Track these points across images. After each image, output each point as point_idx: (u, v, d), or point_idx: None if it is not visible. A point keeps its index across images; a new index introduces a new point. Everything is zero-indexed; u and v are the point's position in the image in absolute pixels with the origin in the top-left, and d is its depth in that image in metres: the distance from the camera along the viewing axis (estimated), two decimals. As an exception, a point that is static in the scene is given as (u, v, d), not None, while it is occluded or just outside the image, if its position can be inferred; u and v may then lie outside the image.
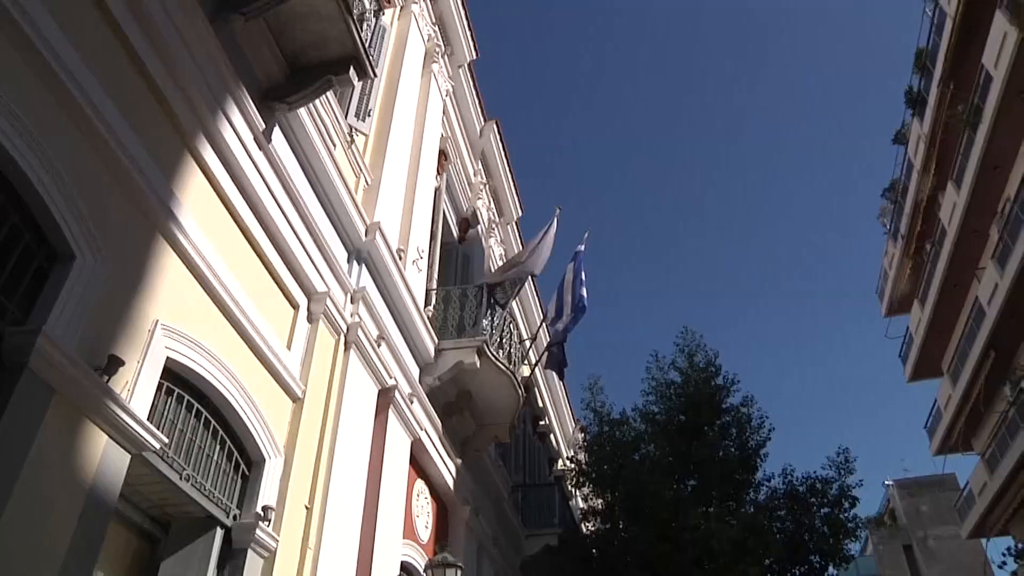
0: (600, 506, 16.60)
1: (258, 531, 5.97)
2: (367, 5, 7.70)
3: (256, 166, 6.72)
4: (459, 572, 9.24)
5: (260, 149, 6.82)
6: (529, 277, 14.35)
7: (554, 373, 20.08)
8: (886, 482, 41.65)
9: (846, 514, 14.77)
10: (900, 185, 26.47)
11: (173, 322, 5.40)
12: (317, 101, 7.73)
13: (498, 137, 16.20)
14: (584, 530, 17.38)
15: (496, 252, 16.95)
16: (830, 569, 14.78)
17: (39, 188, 4.34)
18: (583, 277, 14.22)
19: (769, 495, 15.43)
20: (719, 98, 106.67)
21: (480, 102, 15.60)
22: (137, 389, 4.89)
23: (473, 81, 15.22)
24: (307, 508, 6.87)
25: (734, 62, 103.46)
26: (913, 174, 24.78)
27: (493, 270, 15.64)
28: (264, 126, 6.84)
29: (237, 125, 6.43)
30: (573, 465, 17.48)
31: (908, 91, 24.05)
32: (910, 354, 28.33)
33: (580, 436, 19.60)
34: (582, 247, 14.99)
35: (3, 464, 3.83)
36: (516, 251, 18.02)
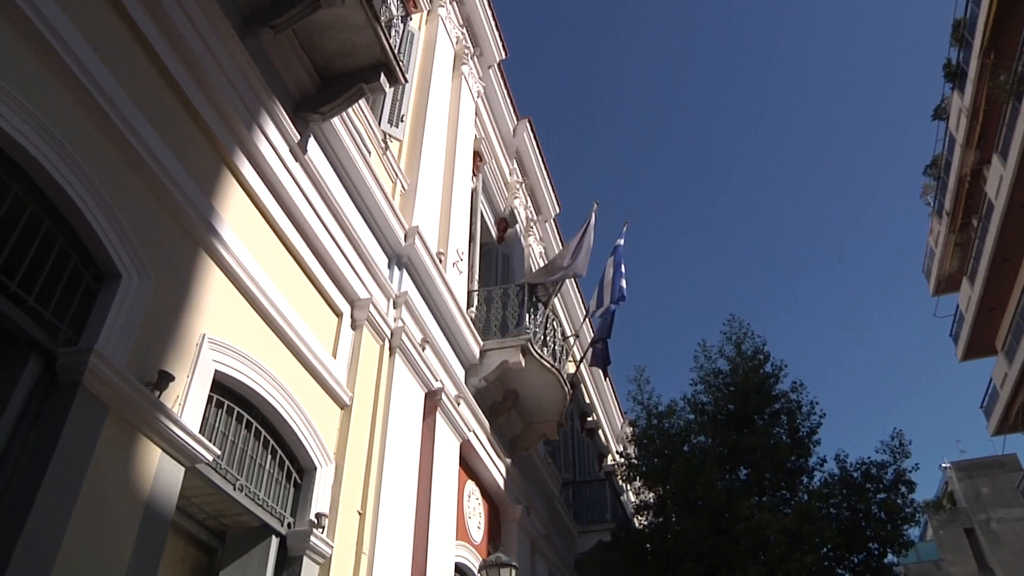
0: (652, 500, 16.49)
1: (313, 538, 6.02)
2: (394, 11, 7.75)
3: (293, 177, 6.79)
4: (513, 572, 9.24)
5: (296, 160, 6.89)
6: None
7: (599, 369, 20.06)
8: (943, 464, 40.82)
9: (903, 499, 14.47)
10: (942, 161, 25.95)
11: (219, 335, 5.48)
12: (350, 109, 7.79)
13: (531, 135, 16.19)
14: (637, 525, 17.29)
15: (536, 250, 16.95)
16: (889, 556, 14.50)
17: (83, 210, 4.43)
18: (623, 270, 14.20)
19: (823, 482, 15.19)
20: (752, 83, 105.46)
21: (512, 101, 15.61)
22: (188, 403, 4.97)
23: (504, 81, 15.23)
24: (360, 514, 6.92)
25: (765, 47, 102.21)
26: (956, 149, 24.27)
27: (534, 268, 15.64)
28: (299, 137, 6.91)
29: (272, 138, 6.50)
30: (623, 460, 17.39)
31: (946, 64, 23.57)
32: (961, 333, 27.79)
33: (628, 430, 19.49)
34: (621, 241, 14.93)
35: (64, 481, 3.92)
36: (555, 248, 18.02)
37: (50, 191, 4.32)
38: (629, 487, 18.67)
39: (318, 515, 6.21)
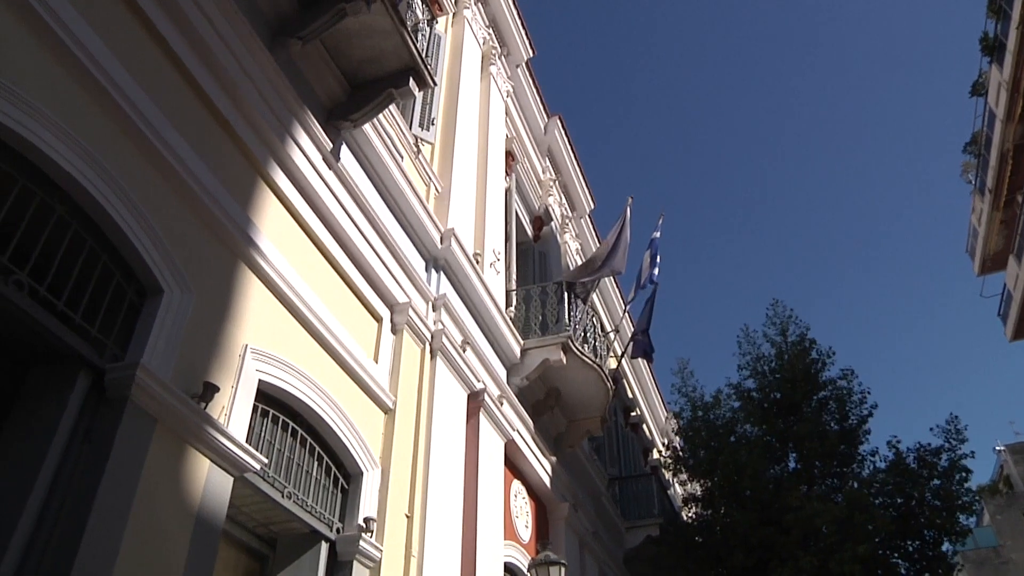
0: (699, 492, 16.34)
1: (362, 543, 6.07)
2: (420, 15, 7.79)
3: (328, 185, 6.84)
4: (563, 570, 9.21)
5: (330, 168, 6.94)
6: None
7: (642, 361, 19.98)
8: (997, 447, 39.82)
9: (958, 487, 14.11)
10: (982, 137, 25.35)
11: (262, 345, 5.54)
12: (381, 115, 7.83)
13: (562, 132, 16.15)
14: (685, 518, 17.16)
15: (572, 247, 16.91)
16: (945, 544, 14.17)
17: (124, 228, 4.52)
18: (658, 259, 14.21)
19: (873, 470, 14.91)
20: (784, 67, 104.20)
21: (541, 99, 15.58)
22: (233, 413, 5.04)
23: (532, 79, 15.21)
24: (407, 517, 6.96)
25: (795, 31, 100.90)
26: (996, 124, 23.69)
27: (571, 266, 15.62)
28: (331, 146, 6.96)
29: (305, 147, 6.56)
30: (668, 453, 17.27)
31: (983, 38, 23.02)
32: (1010, 312, 27.17)
33: (673, 423, 19.35)
34: (657, 234, 14.87)
35: (117, 494, 4.00)
36: (592, 244, 17.96)
37: (92, 210, 4.42)
38: (675, 480, 18.55)
39: (366, 519, 6.26)
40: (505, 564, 9.38)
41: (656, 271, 14.13)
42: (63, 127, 4.20)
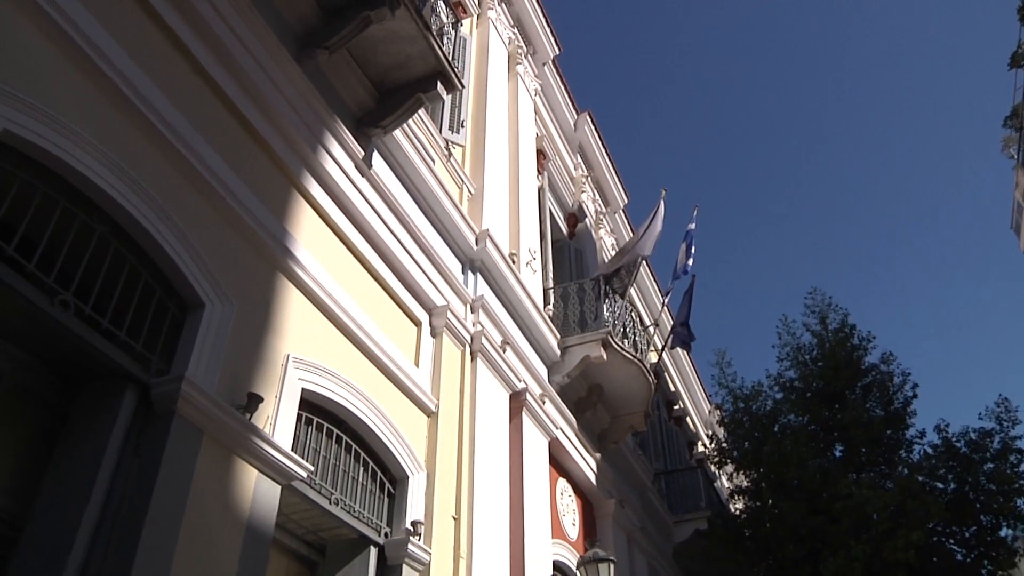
0: (746, 484, 16.16)
1: (410, 546, 6.10)
2: (444, 19, 7.80)
3: (361, 193, 6.89)
4: (611, 567, 9.17)
5: (362, 176, 6.98)
6: (644, 262, 14.29)
7: (684, 354, 19.87)
8: (1053, 426, 38.88)
9: (1012, 470, 13.77)
10: (1023, 110, 24.75)
11: (303, 354, 5.59)
12: (410, 120, 7.86)
13: (593, 128, 16.09)
14: (733, 510, 17.00)
15: (607, 242, 16.84)
16: (1004, 530, 13.83)
17: (163, 244, 4.60)
18: (692, 250, 14.18)
19: (923, 455, 14.63)
20: (813, 50, 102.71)
21: (570, 96, 15.53)
22: (278, 422, 5.09)
23: (560, 76, 15.16)
24: (454, 519, 6.98)
25: (827, 12, 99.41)
26: (1038, 96, 23.11)
27: (607, 261, 15.56)
28: (363, 153, 7.00)
29: (337, 156, 6.61)
30: (712, 445, 17.12)
31: (1021, 7, 22.48)
32: (1061, 289, 26.55)
33: (717, 415, 19.15)
34: (692, 225, 14.78)
35: (168, 506, 4.07)
36: (627, 238, 17.87)
37: (131, 229, 4.50)
38: (722, 472, 18.37)
39: (414, 523, 6.29)
40: (554, 563, 9.36)
41: (691, 262, 14.09)
42: (99, 148, 4.28)
